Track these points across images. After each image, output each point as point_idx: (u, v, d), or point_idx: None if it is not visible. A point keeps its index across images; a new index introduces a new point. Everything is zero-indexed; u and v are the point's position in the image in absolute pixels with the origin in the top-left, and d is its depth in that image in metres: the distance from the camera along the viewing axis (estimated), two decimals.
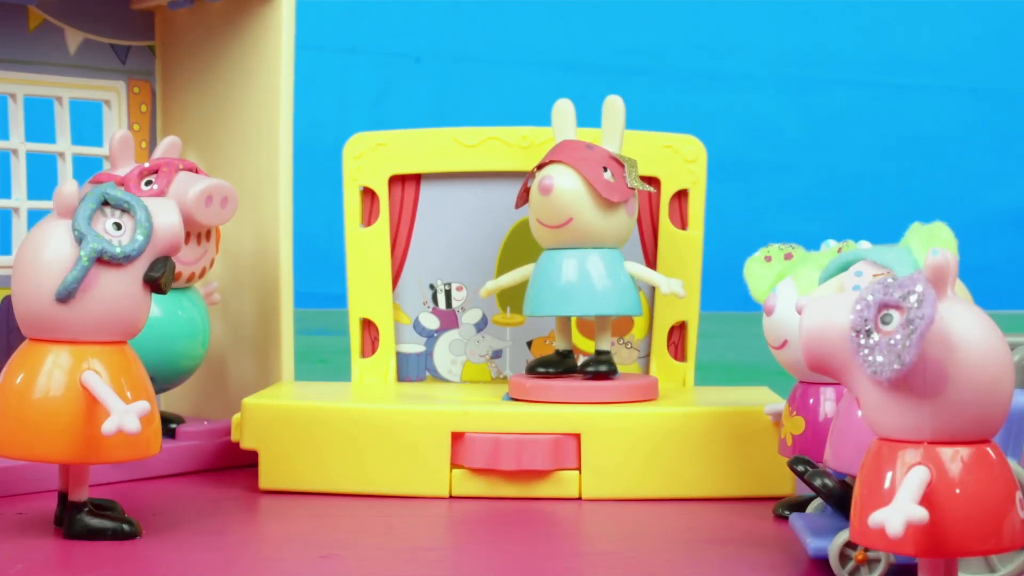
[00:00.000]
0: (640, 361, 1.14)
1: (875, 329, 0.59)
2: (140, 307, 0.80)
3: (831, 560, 0.73)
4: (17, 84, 1.08)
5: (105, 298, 0.78)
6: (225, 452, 1.07)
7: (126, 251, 0.78)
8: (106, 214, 0.79)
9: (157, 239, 0.80)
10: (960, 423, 0.59)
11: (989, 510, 0.59)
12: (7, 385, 0.80)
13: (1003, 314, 2.27)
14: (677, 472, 0.96)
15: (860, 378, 0.60)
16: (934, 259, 0.59)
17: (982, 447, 0.60)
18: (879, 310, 0.59)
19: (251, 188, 1.11)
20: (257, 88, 1.11)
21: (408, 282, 1.14)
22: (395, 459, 0.97)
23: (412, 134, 1.13)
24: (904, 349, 0.58)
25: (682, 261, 1.12)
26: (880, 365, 0.59)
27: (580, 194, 0.98)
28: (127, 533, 0.82)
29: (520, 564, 0.78)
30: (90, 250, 0.77)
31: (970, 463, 0.59)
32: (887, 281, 0.60)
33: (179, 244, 0.81)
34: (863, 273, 0.76)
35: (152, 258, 0.80)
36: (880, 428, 0.61)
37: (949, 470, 0.59)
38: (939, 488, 0.59)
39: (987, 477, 0.59)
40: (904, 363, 0.58)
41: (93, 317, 0.78)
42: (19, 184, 1.09)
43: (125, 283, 0.79)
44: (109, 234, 0.78)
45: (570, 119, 1.03)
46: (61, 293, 0.77)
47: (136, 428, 0.75)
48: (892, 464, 0.60)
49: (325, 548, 0.81)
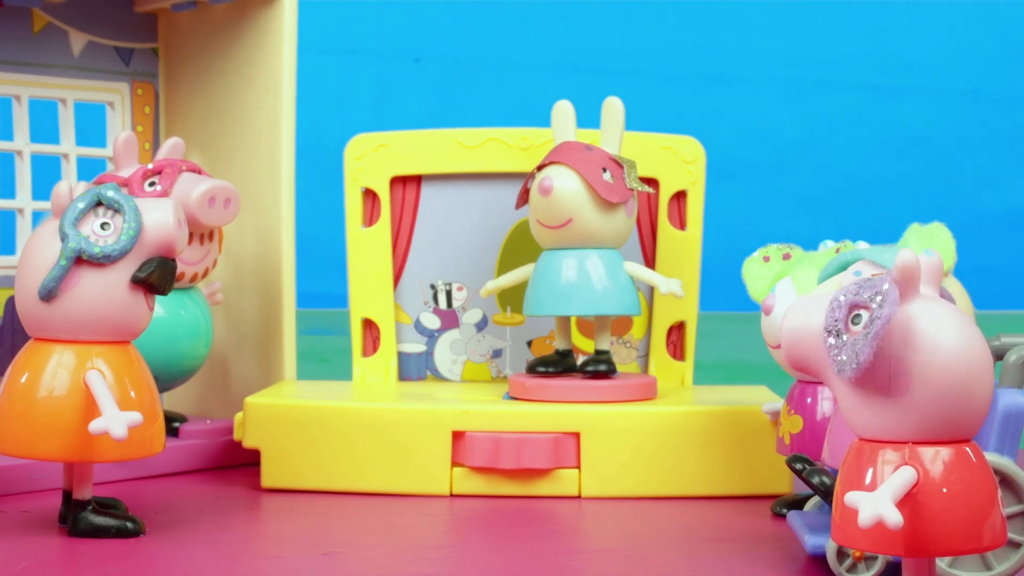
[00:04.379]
0: (639, 360, 1.15)
1: (844, 329, 0.59)
2: (127, 308, 0.79)
3: (829, 557, 0.74)
4: (22, 86, 1.09)
5: (87, 298, 0.78)
6: (227, 451, 1.07)
7: (105, 251, 0.78)
8: (98, 214, 0.79)
9: (146, 240, 0.79)
10: (934, 423, 0.59)
11: (971, 510, 0.59)
12: (12, 384, 0.80)
13: (1003, 314, 2.27)
14: (676, 471, 0.97)
15: (834, 377, 0.61)
16: (901, 259, 0.59)
17: (961, 447, 0.60)
18: (850, 310, 0.59)
19: (253, 189, 1.11)
20: (259, 90, 1.11)
21: (409, 282, 1.14)
22: (396, 458, 0.97)
23: (413, 135, 1.13)
24: (860, 348, 0.58)
25: (681, 261, 1.12)
26: (842, 364, 0.59)
27: (580, 195, 0.99)
28: (131, 531, 0.82)
29: (520, 562, 0.79)
30: (68, 250, 0.77)
31: (950, 464, 0.59)
32: (861, 282, 0.60)
33: (172, 244, 0.80)
34: (862, 273, 0.76)
35: (142, 259, 0.79)
36: (857, 428, 0.61)
37: (930, 470, 0.59)
38: (922, 488, 0.59)
39: (968, 477, 0.59)
40: (860, 362, 0.58)
41: (76, 317, 0.78)
42: (24, 185, 1.09)
43: (108, 284, 0.78)
44: (96, 234, 0.78)
45: (570, 120, 1.04)
46: (42, 292, 0.78)
47: (122, 435, 0.75)
48: (873, 462, 0.60)
49: (327, 546, 0.81)
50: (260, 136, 1.11)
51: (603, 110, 1.03)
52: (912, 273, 0.59)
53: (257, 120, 1.12)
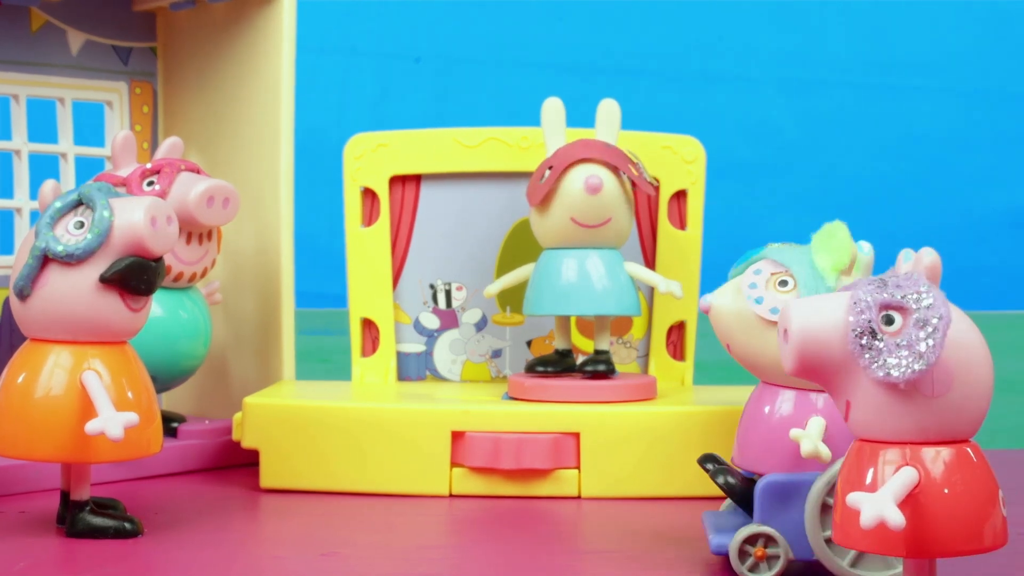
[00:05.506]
0: (639, 360, 1.15)
1: (879, 331, 0.59)
2: (96, 308, 0.78)
3: (731, 556, 0.74)
4: (20, 85, 1.09)
5: (56, 297, 0.78)
6: (226, 451, 1.07)
7: (68, 250, 0.77)
8: (77, 213, 0.79)
9: (115, 239, 0.78)
10: (952, 423, 0.59)
11: (973, 511, 0.59)
12: (9, 384, 0.80)
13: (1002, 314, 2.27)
14: (676, 471, 0.96)
15: (858, 380, 0.59)
16: (929, 258, 0.59)
17: (962, 447, 0.59)
18: (880, 311, 0.59)
19: (252, 188, 1.11)
20: (258, 89, 1.11)
21: (408, 282, 1.14)
22: (395, 458, 0.97)
23: (412, 135, 1.13)
24: (929, 349, 0.57)
25: (681, 261, 1.12)
26: (895, 367, 0.58)
27: (620, 194, 0.99)
28: (129, 532, 0.82)
29: (520, 562, 0.79)
30: (35, 248, 0.77)
31: (951, 464, 0.59)
32: (883, 280, 0.60)
33: (142, 244, 0.78)
34: (762, 271, 0.76)
35: (112, 258, 0.78)
36: (873, 430, 0.60)
37: (932, 470, 0.59)
38: (924, 489, 0.59)
39: (969, 477, 0.59)
40: (928, 363, 0.57)
41: (48, 316, 0.78)
42: (22, 185, 1.09)
43: (75, 283, 0.78)
44: (69, 233, 0.78)
45: (562, 118, 1.03)
46: (15, 290, 0.78)
47: (119, 436, 0.75)
48: (873, 462, 0.60)
49: (326, 546, 0.81)
50: (259, 135, 1.11)
51: (599, 112, 1.03)
52: (938, 272, 0.59)
53: (256, 119, 1.11)
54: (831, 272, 0.74)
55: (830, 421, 0.74)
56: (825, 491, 0.71)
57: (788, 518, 0.73)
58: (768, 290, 0.75)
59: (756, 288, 0.76)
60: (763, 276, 0.76)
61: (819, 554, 0.72)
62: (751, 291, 0.76)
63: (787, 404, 0.76)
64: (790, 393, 0.76)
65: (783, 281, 0.75)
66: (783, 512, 0.74)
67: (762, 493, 0.74)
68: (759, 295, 0.75)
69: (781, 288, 0.75)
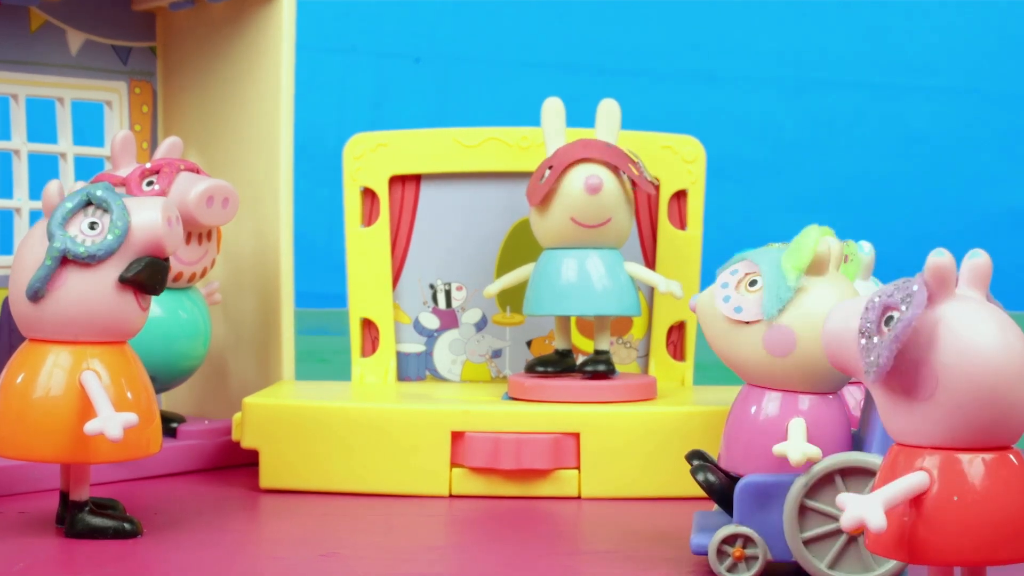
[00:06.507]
0: (639, 361, 1.15)
1: (876, 331, 0.58)
2: (115, 308, 0.79)
3: (709, 556, 0.74)
4: (19, 85, 1.09)
5: (74, 298, 0.78)
6: (226, 451, 1.07)
7: (90, 251, 0.77)
8: (87, 214, 0.79)
9: (133, 239, 0.78)
10: (964, 429, 0.57)
11: (999, 520, 0.57)
12: (8, 385, 0.80)
13: None
14: (676, 471, 0.96)
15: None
16: (933, 260, 0.58)
17: (997, 455, 0.57)
18: (883, 312, 0.58)
19: (252, 188, 1.11)
20: (258, 89, 1.11)
21: (408, 282, 1.14)
22: (395, 458, 0.97)
23: (412, 134, 1.13)
24: (881, 350, 0.57)
25: (681, 261, 1.12)
26: (868, 365, 0.58)
27: (620, 194, 0.99)
28: (128, 532, 0.82)
29: (520, 563, 0.79)
30: (54, 249, 0.77)
31: (974, 471, 0.57)
32: (897, 283, 0.59)
33: (160, 244, 0.79)
34: (738, 271, 0.76)
35: (130, 258, 0.78)
36: (890, 431, 0.60)
37: (946, 477, 0.57)
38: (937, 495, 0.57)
39: (997, 485, 0.57)
40: (880, 364, 0.57)
41: (64, 317, 0.78)
42: (21, 184, 1.09)
43: (94, 283, 0.78)
44: (84, 234, 0.78)
45: (563, 118, 1.03)
46: (28, 292, 0.78)
47: (118, 436, 0.75)
48: (894, 465, 0.59)
49: (325, 547, 0.81)
50: (258, 135, 1.11)
51: (599, 112, 1.03)
52: (943, 274, 0.57)
53: (255, 119, 1.11)
54: (792, 272, 0.74)
55: (811, 422, 0.74)
56: (803, 492, 0.71)
57: (767, 519, 0.73)
58: (738, 290, 0.75)
59: (727, 287, 0.76)
60: (738, 276, 0.76)
61: (797, 555, 0.72)
62: (722, 290, 0.76)
63: (772, 405, 0.75)
64: (775, 394, 0.75)
65: (753, 281, 0.75)
66: (762, 513, 0.73)
67: (741, 494, 0.74)
68: (728, 294, 0.76)
69: (751, 288, 0.75)
